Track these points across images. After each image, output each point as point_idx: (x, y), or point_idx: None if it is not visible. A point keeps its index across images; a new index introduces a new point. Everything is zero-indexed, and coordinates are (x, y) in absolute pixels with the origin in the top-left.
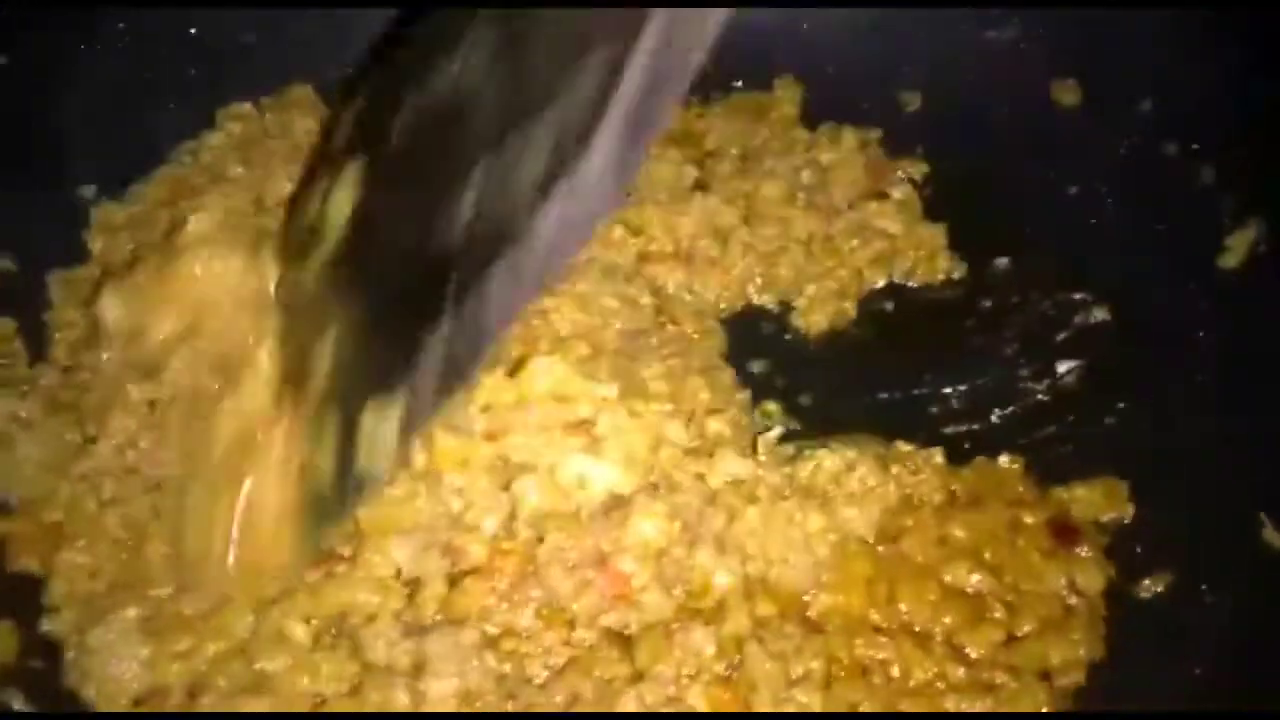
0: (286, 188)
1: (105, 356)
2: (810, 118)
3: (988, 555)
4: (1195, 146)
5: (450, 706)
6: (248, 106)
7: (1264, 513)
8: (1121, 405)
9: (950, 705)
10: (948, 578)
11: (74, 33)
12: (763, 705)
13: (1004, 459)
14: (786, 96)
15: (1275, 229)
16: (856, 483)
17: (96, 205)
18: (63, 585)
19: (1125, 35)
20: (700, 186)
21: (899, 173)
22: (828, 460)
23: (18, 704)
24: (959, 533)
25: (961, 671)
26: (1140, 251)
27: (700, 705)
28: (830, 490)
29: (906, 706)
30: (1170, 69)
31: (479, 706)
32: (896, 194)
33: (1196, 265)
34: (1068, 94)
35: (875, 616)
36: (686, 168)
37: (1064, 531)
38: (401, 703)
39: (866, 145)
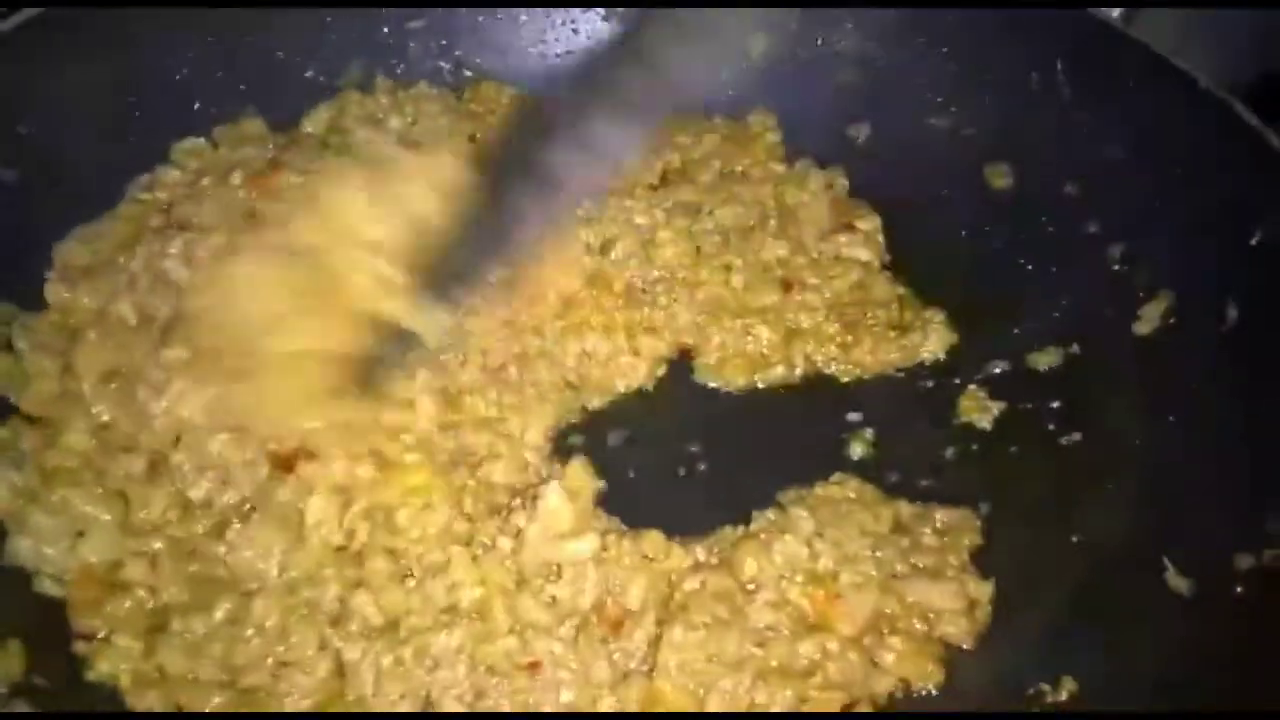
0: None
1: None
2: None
3: None
4: (1113, 226)
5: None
6: (202, 141)
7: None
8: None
9: None
10: None
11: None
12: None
13: None
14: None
15: (1182, 301)
16: None
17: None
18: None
19: (1049, 129)
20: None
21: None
22: None
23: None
24: None
25: None
26: (1066, 315)
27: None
28: None
29: None
30: (1090, 160)
31: None
32: (864, 226)
33: (1115, 329)
34: (999, 178)
35: None
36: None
37: None
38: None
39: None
